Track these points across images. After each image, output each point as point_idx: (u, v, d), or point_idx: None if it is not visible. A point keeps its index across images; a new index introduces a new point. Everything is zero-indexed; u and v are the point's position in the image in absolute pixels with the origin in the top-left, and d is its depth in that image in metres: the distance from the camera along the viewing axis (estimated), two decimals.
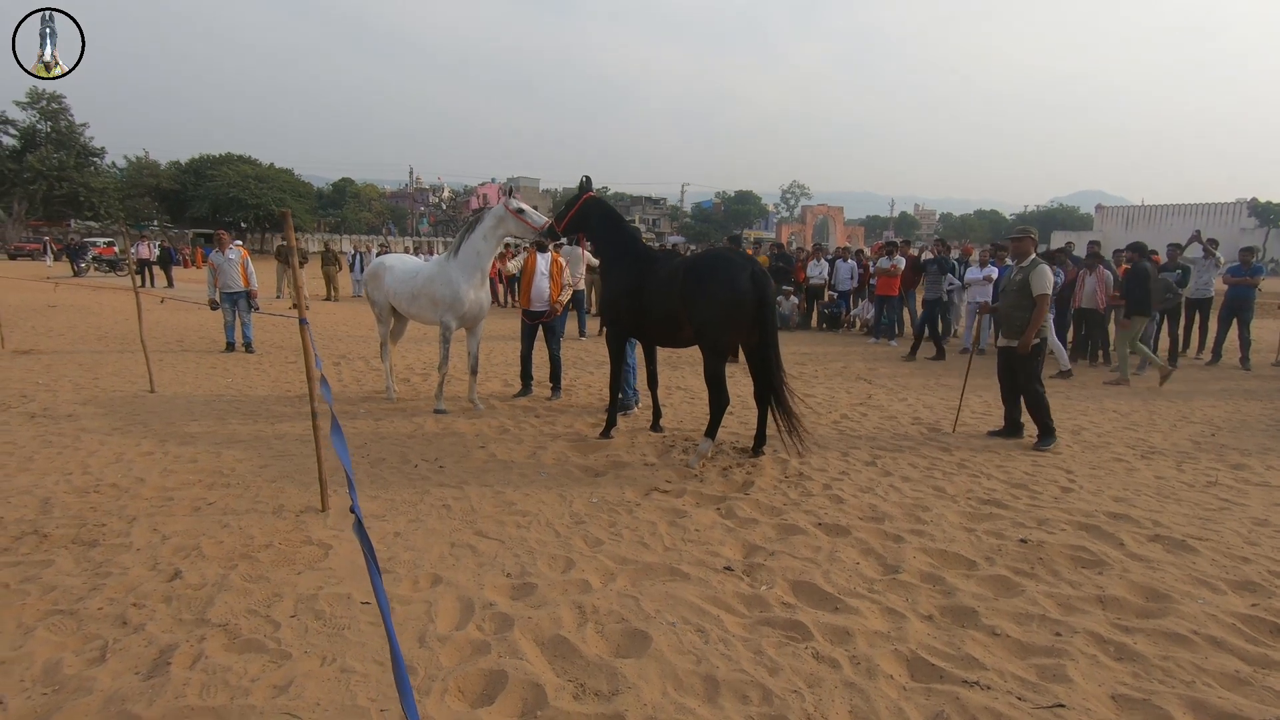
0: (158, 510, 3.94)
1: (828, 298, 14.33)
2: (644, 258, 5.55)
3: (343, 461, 1.92)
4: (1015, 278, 5.67)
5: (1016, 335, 5.61)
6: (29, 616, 2.80)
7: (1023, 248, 5.73)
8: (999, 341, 5.86)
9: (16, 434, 5.41)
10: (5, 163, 42.66)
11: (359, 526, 1.47)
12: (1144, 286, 8.45)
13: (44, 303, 15.09)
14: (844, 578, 3.30)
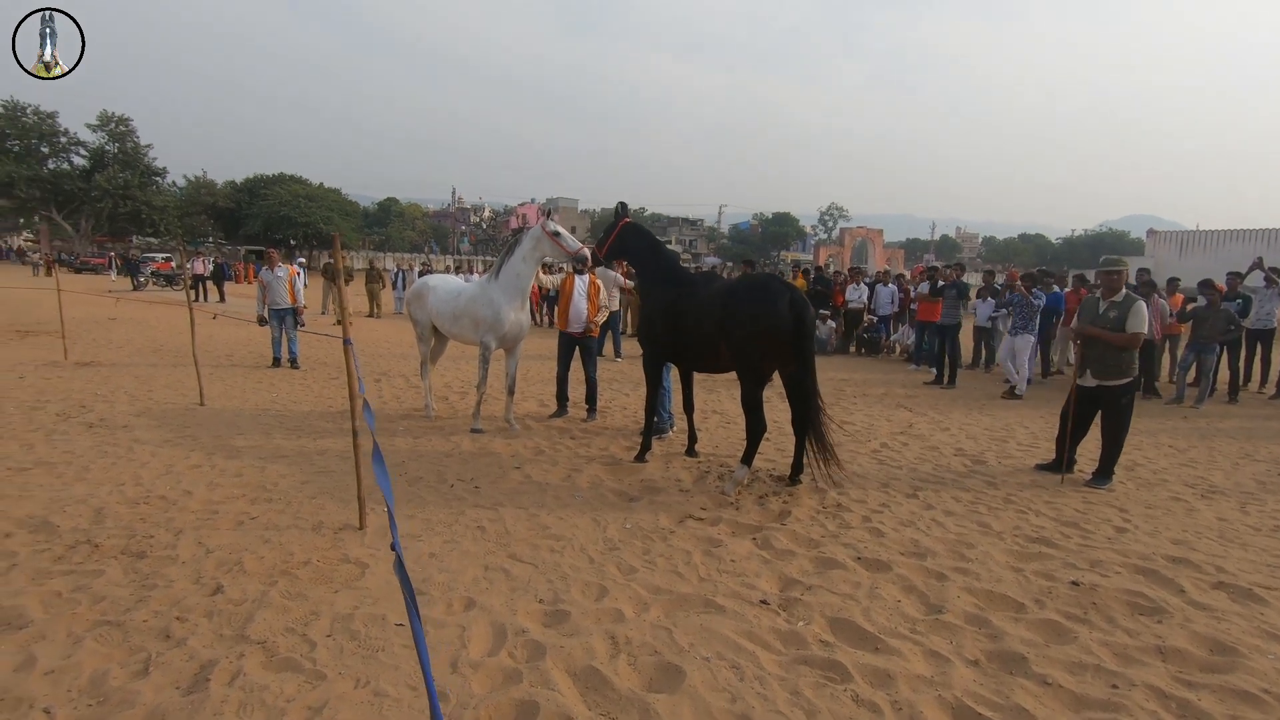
0: (203, 523, 4.04)
1: (867, 322, 14.12)
2: (682, 281, 5.55)
3: (384, 493, 1.93)
4: (1109, 314, 5.32)
5: (1109, 375, 5.29)
6: (79, 626, 2.88)
7: (1114, 283, 5.39)
8: (1083, 379, 5.44)
9: (75, 443, 5.62)
10: (75, 182, 44.96)
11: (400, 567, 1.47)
12: None
13: (105, 316, 15.76)
14: (885, 616, 3.20)
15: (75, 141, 46.90)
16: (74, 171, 46.02)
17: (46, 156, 46.09)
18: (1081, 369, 5.45)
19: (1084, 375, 5.43)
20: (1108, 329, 5.28)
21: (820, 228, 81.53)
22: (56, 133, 46.15)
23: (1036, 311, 9.55)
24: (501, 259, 6.48)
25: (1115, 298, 5.37)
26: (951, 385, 10.12)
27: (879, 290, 13.92)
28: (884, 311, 13.83)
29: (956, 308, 10.47)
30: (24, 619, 2.92)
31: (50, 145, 46.21)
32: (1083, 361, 5.45)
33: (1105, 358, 5.31)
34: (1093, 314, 5.43)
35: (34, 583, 3.24)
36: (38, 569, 3.38)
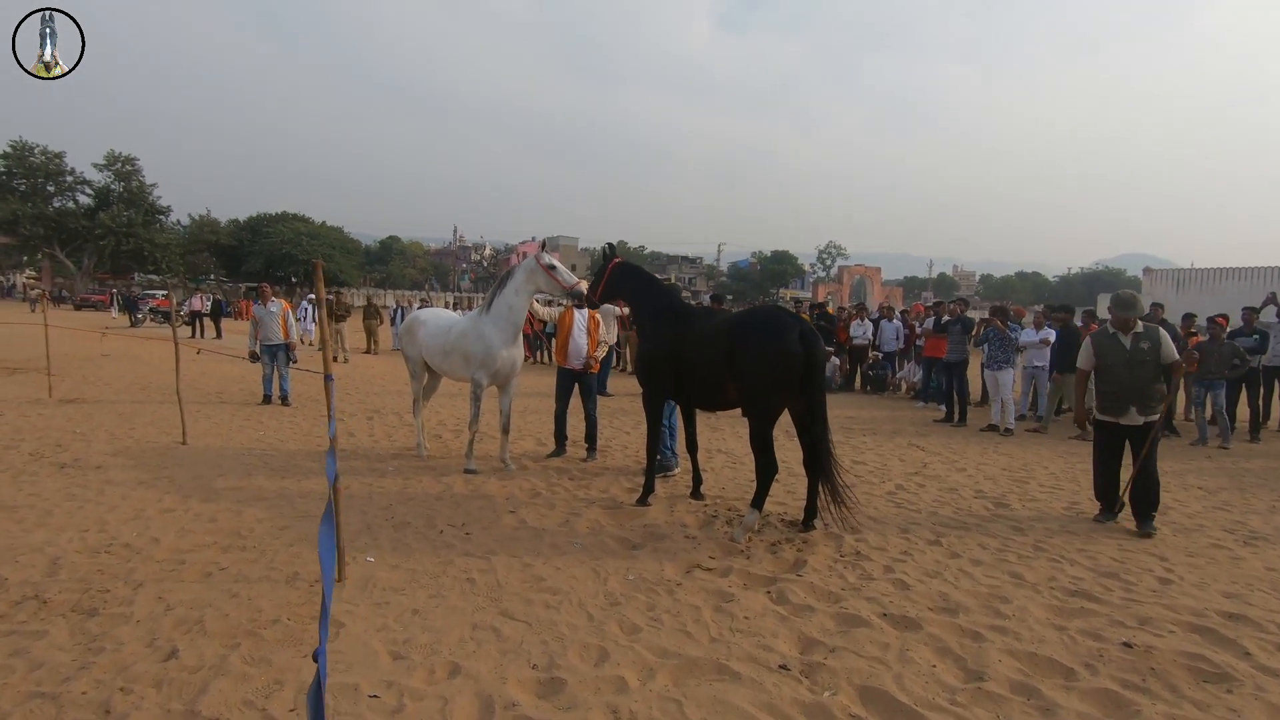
0: (167, 575, 3.70)
1: (872, 359, 13.86)
2: (683, 315, 5.30)
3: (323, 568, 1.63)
4: (1142, 346, 5.02)
5: (1153, 410, 5.00)
6: (7, 700, 2.53)
7: (1131, 320, 5.11)
8: (1127, 418, 5.05)
9: (43, 485, 5.30)
10: (79, 220, 45.20)
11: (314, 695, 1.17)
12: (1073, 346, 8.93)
13: (98, 353, 15.51)
14: (919, 684, 2.85)
15: (81, 180, 47.39)
16: (78, 210, 46.35)
17: (52, 195, 46.50)
18: (1120, 408, 5.07)
19: (1127, 414, 5.05)
20: (1146, 362, 5.00)
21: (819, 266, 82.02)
22: (63, 172, 46.66)
23: (1014, 345, 9.44)
24: (493, 292, 6.24)
25: (1136, 329, 5.11)
26: (962, 423, 9.81)
27: (884, 326, 13.70)
28: (889, 348, 13.59)
29: (963, 343, 10.23)
30: None
31: (56, 184, 46.67)
32: (1118, 401, 5.08)
33: (1150, 393, 5.01)
34: (1118, 350, 5.13)
35: None
36: None
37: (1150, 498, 5.01)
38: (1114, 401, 5.11)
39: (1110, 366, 5.14)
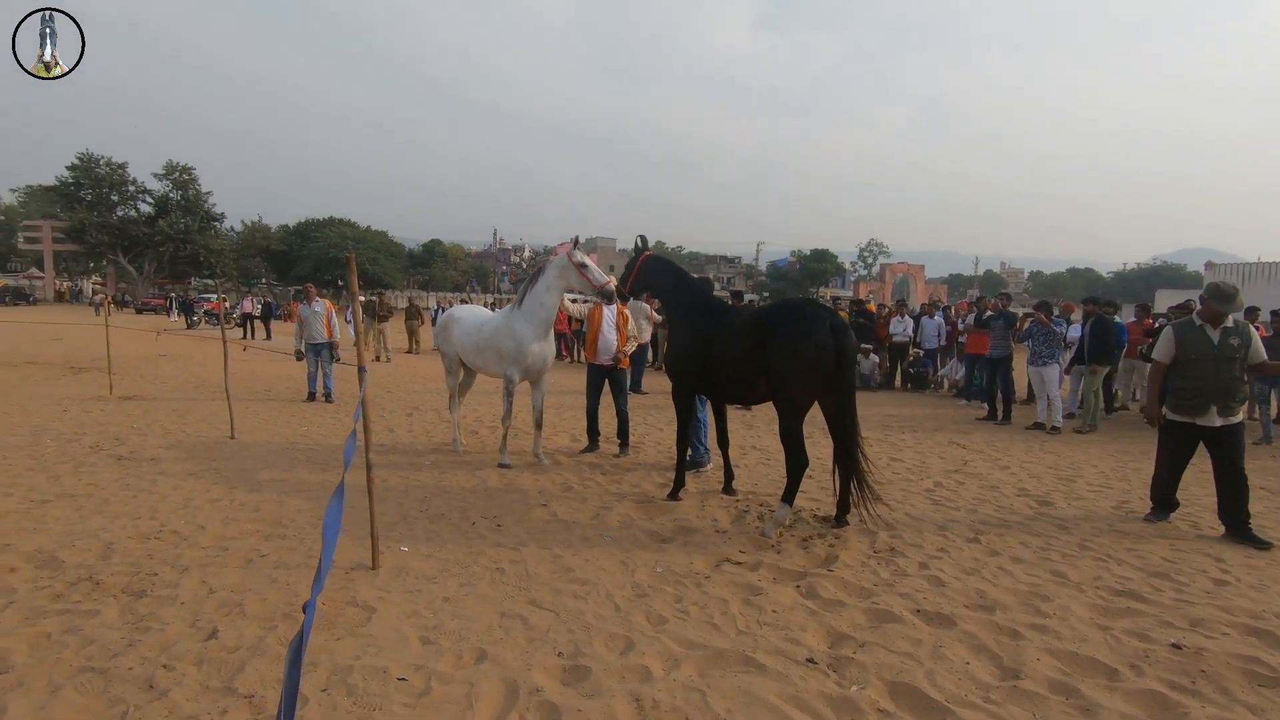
0: (212, 560, 3.84)
1: (912, 356, 13.56)
2: (713, 310, 5.27)
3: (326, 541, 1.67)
4: (1231, 341, 4.67)
5: (1235, 411, 4.67)
6: (60, 673, 2.66)
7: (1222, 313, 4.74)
8: (1206, 419, 4.69)
9: (101, 475, 5.55)
10: (140, 227, 47.37)
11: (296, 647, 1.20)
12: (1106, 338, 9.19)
13: (156, 353, 16.20)
14: (952, 681, 2.77)
15: (142, 190, 49.66)
16: (140, 218, 48.55)
17: (116, 204, 48.81)
18: (1200, 407, 4.69)
19: (1206, 414, 4.67)
20: (1233, 358, 4.66)
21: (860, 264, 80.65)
22: (125, 182, 48.95)
23: (1060, 340, 9.15)
24: (525, 288, 6.30)
25: (1226, 324, 4.78)
26: (1006, 421, 9.52)
27: (925, 323, 13.39)
28: (930, 345, 13.27)
29: (1006, 339, 9.91)
30: (6, 663, 2.72)
31: (119, 194, 48.98)
32: (1199, 399, 4.69)
33: (1234, 392, 4.65)
34: (1204, 344, 4.70)
35: (26, 623, 3.06)
36: (34, 608, 3.20)
37: (1244, 507, 4.67)
38: (1194, 400, 4.72)
39: (1194, 361, 4.74)
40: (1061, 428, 8.89)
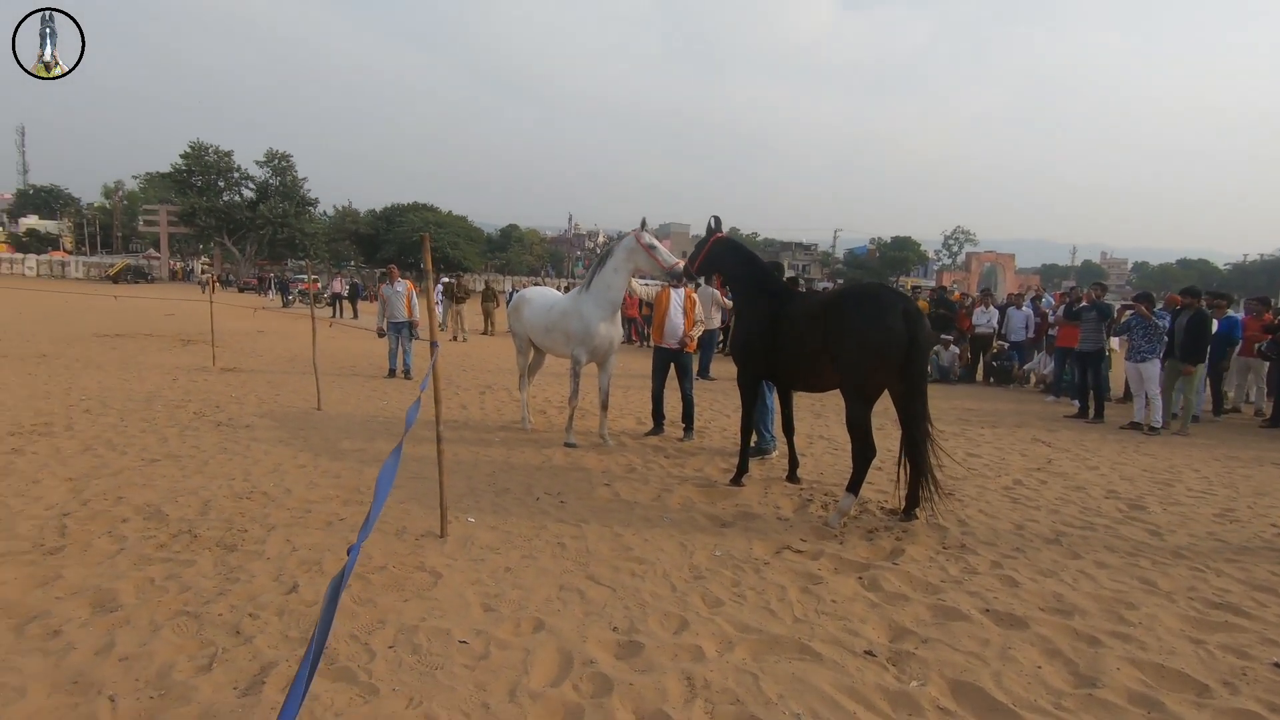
0: (295, 521, 4.10)
1: (996, 348, 12.90)
2: (781, 294, 5.18)
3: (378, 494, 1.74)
4: None
5: None
6: (161, 614, 2.91)
7: None
8: None
9: (203, 439, 6.01)
10: (243, 211, 50.58)
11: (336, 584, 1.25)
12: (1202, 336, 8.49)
13: (254, 329, 17.32)
14: (1021, 684, 2.64)
15: (245, 176, 52.91)
16: (243, 202, 51.82)
17: (222, 190, 52.26)
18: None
19: None
20: None
21: (944, 252, 77.19)
22: (231, 169, 52.28)
23: (1162, 334, 8.43)
24: (593, 270, 6.36)
25: None
26: (1098, 419, 8.94)
27: (1011, 314, 12.69)
28: (1017, 337, 12.58)
29: (1099, 332, 9.29)
30: (116, 603, 3.00)
31: (225, 180, 52.39)
32: None
33: None
34: None
35: (134, 568, 3.36)
36: (141, 555, 3.51)
37: None
38: None
39: None
40: (1160, 428, 8.27)
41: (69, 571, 3.28)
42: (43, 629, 2.76)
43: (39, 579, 3.20)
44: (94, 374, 9.22)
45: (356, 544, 1.43)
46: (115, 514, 4.07)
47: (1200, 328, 8.42)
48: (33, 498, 4.30)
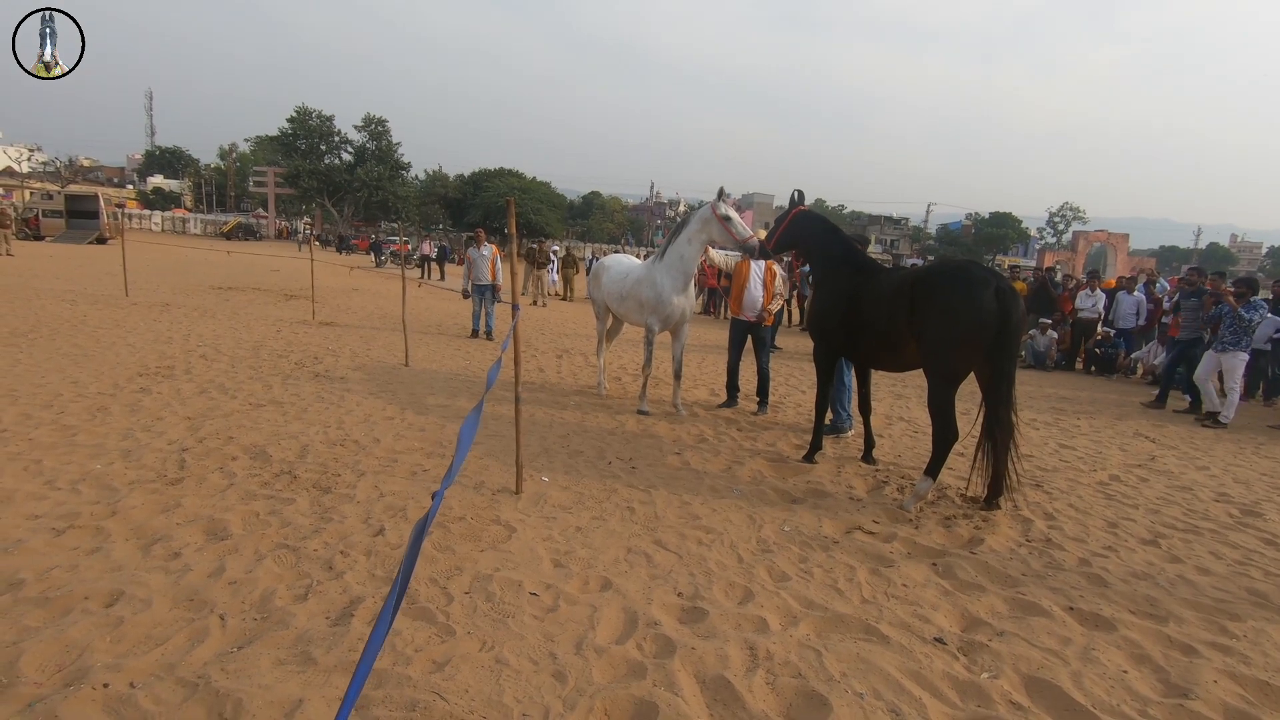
0: (383, 469, 4.35)
1: (1101, 335, 12.04)
2: (864, 267, 5.00)
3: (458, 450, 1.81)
4: None
5: None
6: (265, 545, 3.17)
7: None
8: None
9: (302, 389, 6.43)
10: (342, 174, 53.05)
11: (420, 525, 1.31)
12: None
13: (349, 287, 18.26)
14: (1103, 688, 2.52)
15: (345, 140, 55.32)
16: (342, 165, 54.29)
17: (324, 153, 54.88)
18: None
19: None
20: None
21: (1048, 230, 72.17)
22: (332, 133, 54.76)
23: (1250, 327, 7.83)
24: (669, 240, 6.34)
25: None
26: (1195, 411, 8.29)
27: (1121, 299, 11.78)
28: (1126, 324, 11.69)
29: (1197, 318, 8.74)
30: (226, 532, 3.29)
31: (327, 143, 54.95)
32: None
33: None
34: None
35: (242, 502, 3.66)
36: (247, 491, 3.82)
37: None
38: None
39: None
40: (1229, 423, 7.74)
41: (187, 501, 3.62)
42: (165, 550, 3.07)
43: (162, 505, 3.55)
44: (209, 323, 9.99)
45: (439, 491, 1.50)
46: (226, 452, 4.44)
47: None
48: (157, 433, 4.75)
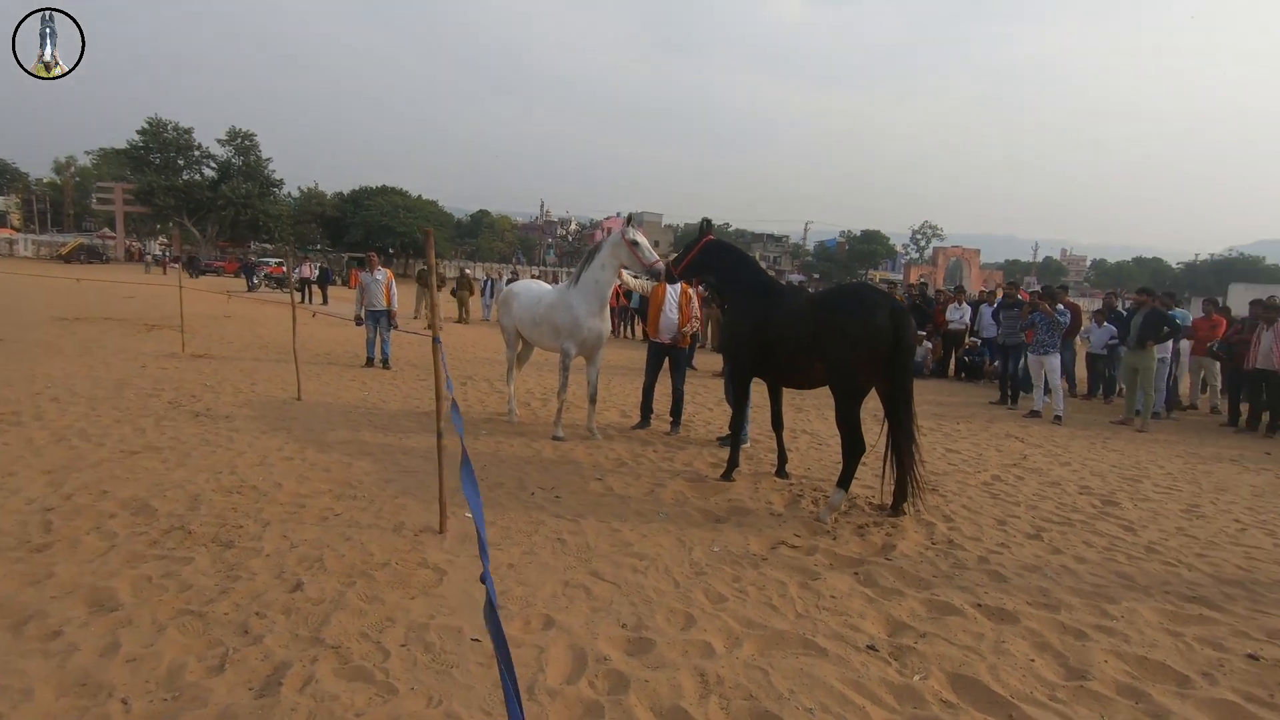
0: (290, 516, 4.04)
1: (969, 345, 13.22)
2: (772, 292, 5.25)
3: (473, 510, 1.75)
4: None
5: None
6: (164, 614, 2.86)
7: None
8: None
9: (181, 431, 5.86)
10: (204, 191, 48.96)
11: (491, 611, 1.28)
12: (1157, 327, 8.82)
13: (221, 313, 16.86)
14: (1016, 677, 2.76)
15: (206, 154, 51.19)
16: (204, 182, 50.15)
17: (182, 168, 50.49)
18: None
19: None
20: None
21: (911, 246, 78.47)
22: (191, 146, 50.52)
23: (1062, 329, 9.25)
24: (581, 266, 6.39)
25: None
26: (1013, 405, 10.01)
27: (983, 311, 13.01)
28: (989, 333, 12.90)
29: (1014, 326, 10.15)
30: (114, 601, 2.94)
31: (185, 158, 50.62)
32: None
33: None
34: None
35: (128, 565, 3.29)
36: (133, 552, 3.44)
37: None
38: None
39: None
40: (1061, 416, 8.90)
41: (60, 569, 3.20)
42: (41, 629, 2.70)
43: (29, 577, 3.12)
44: (56, 360, 8.91)
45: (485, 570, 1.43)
46: (100, 509, 3.97)
47: (1157, 323, 8.78)
48: (10, 491, 4.17)
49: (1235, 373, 9.27)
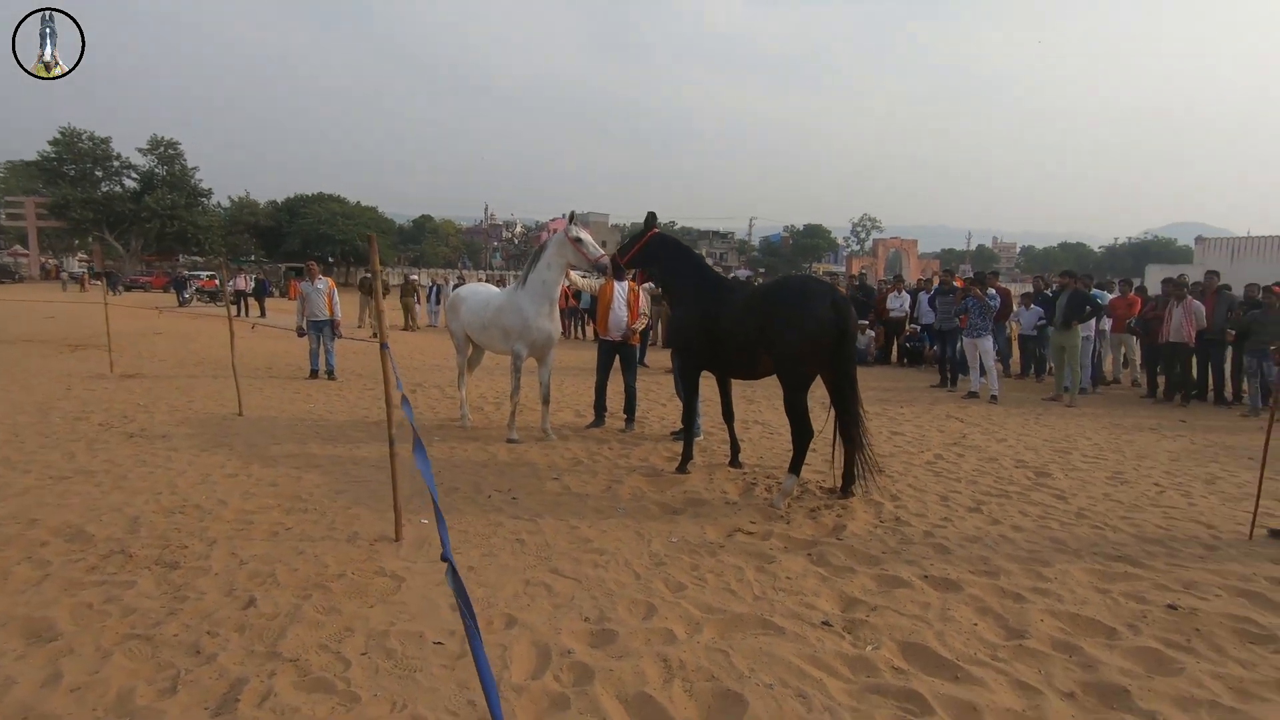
0: (237, 533, 3.93)
1: (909, 332, 13.71)
2: (717, 286, 5.36)
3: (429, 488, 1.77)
4: None
5: None
6: (108, 640, 2.76)
7: None
8: None
9: (115, 452, 5.61)
10: (126, 203, 46.56)
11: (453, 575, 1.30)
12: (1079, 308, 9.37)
13: (150, 330, 16.12)
14: (961, 641, 2.91)
15: (127, 165, 48.70)
16: (125, 194, 47.70)
17: (100, 180, 47.91)
18: None
19: None
20: None
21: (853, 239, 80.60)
22: (110, 157, 47.98)
23: (993, 313, 9.78)
24: (528, 267, 6.39)
25: None
26: (952, 387, 10.42)
27: (921, 299, 13.50)
28: (927, 320, 13.40)
29: (949, 312, 10.62)
30: (53, 631, 2.82)
31: (104, 169, 48.05)
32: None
33: None
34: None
35: (66, 593, 3.15)
36: (70, 579, 3.29)
37: None
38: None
39: None
40: (997, 396, 9.31)
41: None
42: None
43: None
44: None
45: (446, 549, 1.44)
46: (31, 537, 3.78)
47: (1080, 303, 9.31)
48: None
49: (1151, 347, 9.87)
